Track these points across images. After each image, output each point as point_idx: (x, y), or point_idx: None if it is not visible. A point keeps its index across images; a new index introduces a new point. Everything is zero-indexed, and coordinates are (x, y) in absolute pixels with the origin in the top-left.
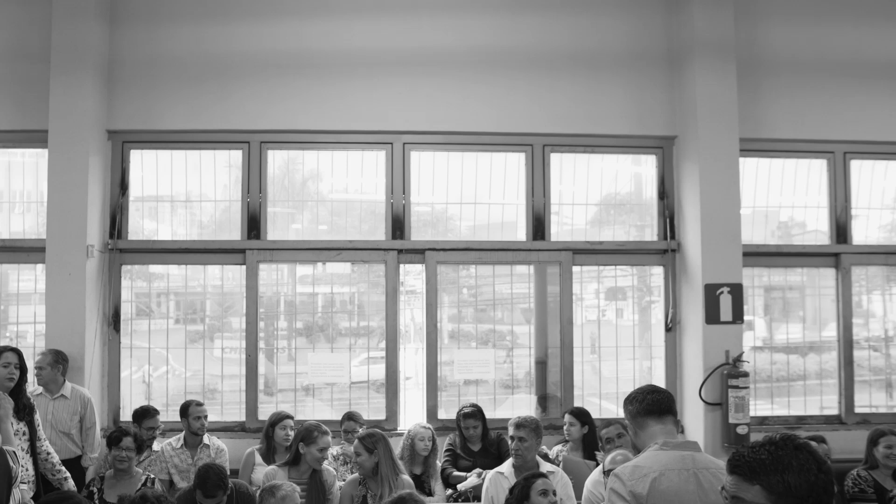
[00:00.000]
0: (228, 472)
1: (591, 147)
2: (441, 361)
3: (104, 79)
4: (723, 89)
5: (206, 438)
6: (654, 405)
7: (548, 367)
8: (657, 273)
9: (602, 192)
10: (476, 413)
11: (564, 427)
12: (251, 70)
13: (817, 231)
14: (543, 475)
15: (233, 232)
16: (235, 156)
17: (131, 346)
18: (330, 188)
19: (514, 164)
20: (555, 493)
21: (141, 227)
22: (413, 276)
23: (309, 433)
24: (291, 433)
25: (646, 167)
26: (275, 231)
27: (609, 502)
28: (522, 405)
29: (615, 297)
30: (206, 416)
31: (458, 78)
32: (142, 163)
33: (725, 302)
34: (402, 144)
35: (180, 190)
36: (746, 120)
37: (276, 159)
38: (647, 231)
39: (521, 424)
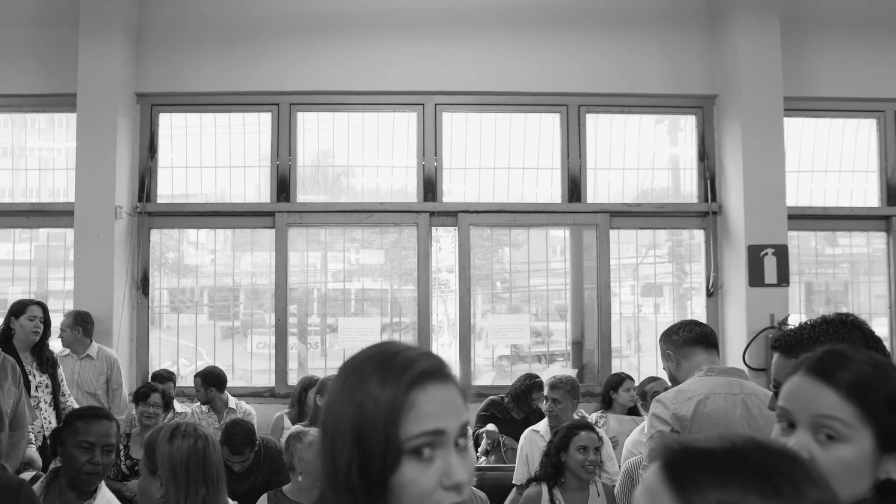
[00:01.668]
0: None
1: (627, 107)
2: (474, 326)
3: (133, 41)
4: (766, 46)
5: (232, 402)
6: (702, 336)
7: (584, 340)
8: (697, 237)
9: (639, 153)
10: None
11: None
12: (280, 31)
13: (866, 193)
14: (590, 427)
15: (262, 195)
16: (265, 118)
17: (160, 340)
18: (361, 156)
19: (548, 127)
20: (597, 451)
21: (170, 190)
22: (446, 267)
23: (323, 384)
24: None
25: (685, 128)
26: (305, 195)
27: (650, 427)
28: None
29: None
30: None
31: (490, 37)
32: (171, 126)
33: (770, 264)
34: (433, 105)
35: (209, 153)
36: (790, 78)
37: (307, 148)
38: (686, 194)
39: (555, 385)
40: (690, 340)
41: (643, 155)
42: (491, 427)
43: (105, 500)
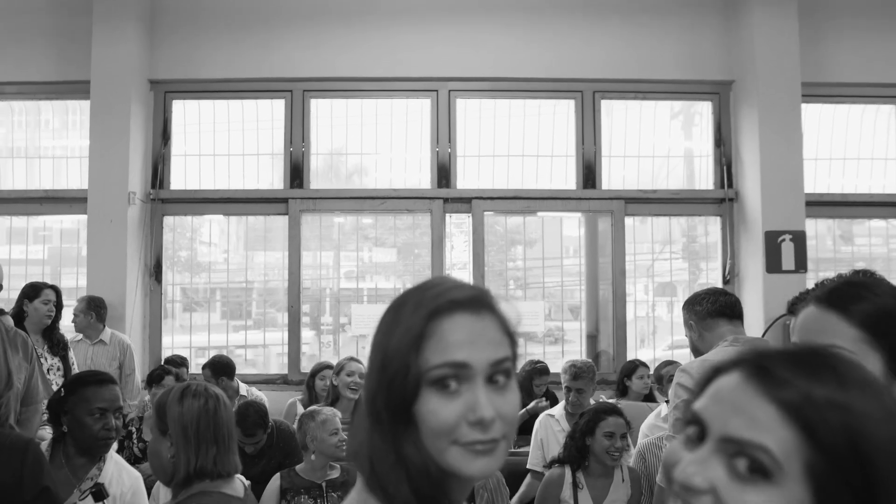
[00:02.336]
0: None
1: (643, 93)
2: None
3: (146, 28)
4: (783, 31)
5: (244, 389)
6: (727, 307)
7: (599, 333)
8: (713, 224)
9: (655, 140)
10: (546, 370)
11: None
12: (294, 17)
13: (885, 180)
14: (618, 412)
15: (275, 182)
16: (278, 105)
17: (173, 343)
18: (374, 142)
19: (563, 114)
20: (623, 437)
21: (183, 176)
22: (459, 263)
23: (340, 365)
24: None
25: (701, 114)
26: (318, 182)
27: (675, 397)
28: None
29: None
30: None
31: (504, 23)
32: (184, 113)
33: (787, 250)
34: (447, 91)
35: (223, 140)
36: (808, 63)
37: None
38: (702, 180)
39: (579, 375)
40: (714, 312)
41: (658, 141)
42: None
43: (114, 463)
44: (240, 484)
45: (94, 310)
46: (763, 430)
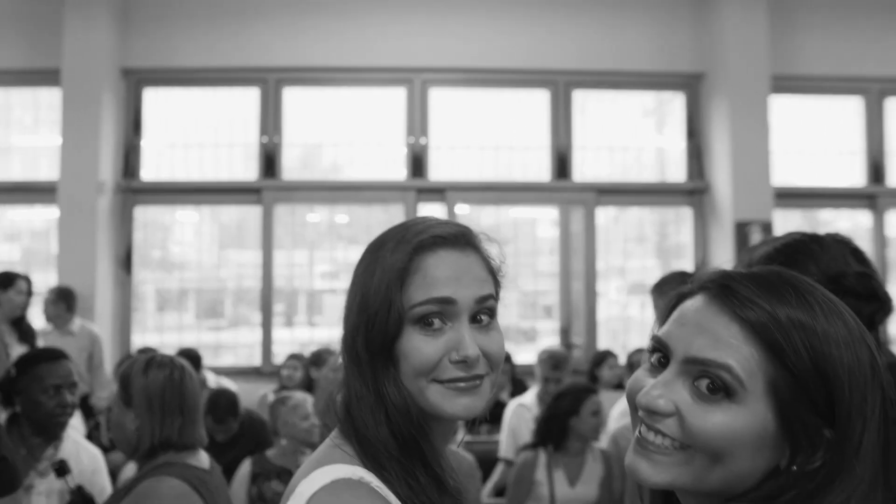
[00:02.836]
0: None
1: (616, 85)
2: None
3: (119, 15)
4: (753, 23)
5: (213, 381)
6: None
7: (571, 328)
8: (685, 215)
9: (628, 131)
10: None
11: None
12: (268, 6)
13: (852, 172)
14: (595, 392)
15: (249, 173)
16: (251, 95)
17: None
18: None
19: (537, 104)
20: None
21: (156, 166)
22: None
23: (318, 356)
24: (297, 372)
25: (673, 105)
26: (291, 172)
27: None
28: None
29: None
30: None
31: (479, 13)
32: (157, 103)
33: (756, 241)
34: (421, 81)
35: (195, 130)
36: (778, 56)
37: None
38: (674, 171)
39: (558, 365)
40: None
41: (631, 133)
42: None
43: (72, 441)
44: (205, 456)
45: (64, 300)
46: (726, 349)
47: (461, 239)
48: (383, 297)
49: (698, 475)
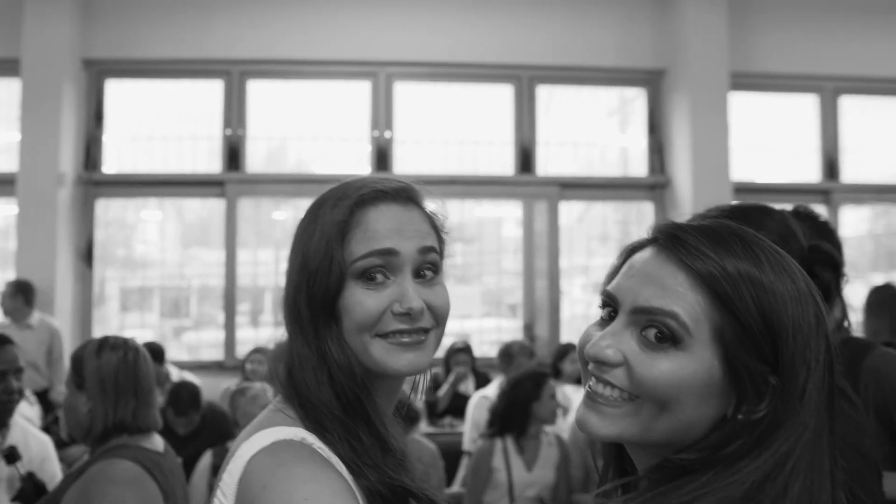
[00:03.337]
0: None
1: (579, 80)
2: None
3: (81, 5)
4: (713, 21)
5: (175, 376)
6: None
7: (535, 325)
8: (646, 210)
9: (590, 126)
10: (467, 348)
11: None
12: None
13: (807, 168)
14: (549, 375)
15: (212, 166)
16: (215, 86)
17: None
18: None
19: (501, 99)
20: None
21: (118, 158)
22: None
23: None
24: (262, 367)
25: (635, 101)
26: (255, 165)
27: None
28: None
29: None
30: None
31: (444, 7)
32: (119, 94)
33: None
34: (386, 75)
35: (158, 122)
36: (737, 54)
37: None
38: (636, 167)
39: (510, 353)
40: None
41: (594, 128)
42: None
43: (20, 428)
44: (160, 439)
45: (23, 293)
46: (673, 297)
47: (402, 193)
48: (324, 253)
49: (646, 425)
